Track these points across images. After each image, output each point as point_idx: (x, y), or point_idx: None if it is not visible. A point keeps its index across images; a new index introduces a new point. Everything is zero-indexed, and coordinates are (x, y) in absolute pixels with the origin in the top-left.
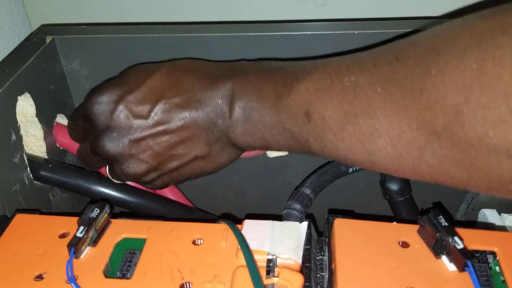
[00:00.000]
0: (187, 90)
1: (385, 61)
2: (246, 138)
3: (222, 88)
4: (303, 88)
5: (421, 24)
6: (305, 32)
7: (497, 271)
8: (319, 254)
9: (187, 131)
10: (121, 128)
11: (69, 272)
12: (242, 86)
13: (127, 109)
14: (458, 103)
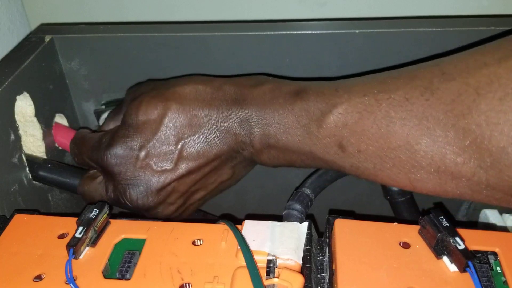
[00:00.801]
0: (203, 125)
1: (418, 94)
2: (272, 162)
3: (238, 121)
4: (331, 123)
5: (421, 24)
6: (305, 31)
7: (498, 271)
8: (319, 255)
9: (210, 165)
10: (146, 181)
11: (68, 273)
12: (258, 118)
13: (151, 161)
14: (504, 145)
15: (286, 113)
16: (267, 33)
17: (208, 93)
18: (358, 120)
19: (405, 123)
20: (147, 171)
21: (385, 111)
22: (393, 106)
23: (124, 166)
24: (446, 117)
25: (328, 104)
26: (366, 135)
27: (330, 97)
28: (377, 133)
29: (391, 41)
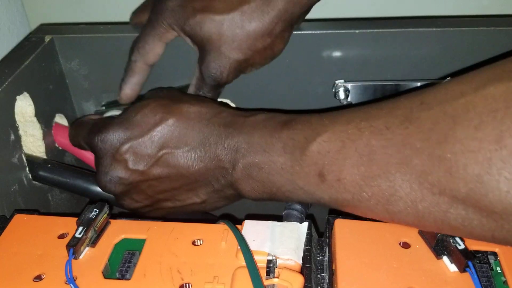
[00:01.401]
0: (190, 143)
1: (397, 123)
2: (252, 194)
3: (226, 146)
4: (315, 150)
5: (421, 24)
6: (305, 31)
7: (498, 271)
8: (319, 255)
9: (183, 180)
10: (116, 173)
11: (68, 273)
12: (247, 145)
13: (129, 153)
14: (479, 173)
15: (273, 140)
16: None
17: (208, 117)
18: (340, 148)
19: (386, 151)
20: (120, 165)
21: (366, 140)
22: (374, 134)
23: (105, 152)
24: (423, 146)
25: (313, 132)
26: (348, 164)
27: (316, 125)
28: (358, 161)
29: (391, 41)
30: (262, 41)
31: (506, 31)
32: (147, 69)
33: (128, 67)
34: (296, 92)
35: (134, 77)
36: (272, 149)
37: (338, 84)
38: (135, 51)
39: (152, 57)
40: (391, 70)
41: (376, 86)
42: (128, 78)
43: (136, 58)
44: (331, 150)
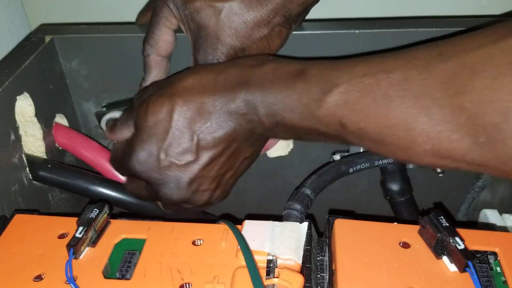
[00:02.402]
0: (212, 111)
1: (415, 74)
2: (284, 136)
3: (243, 99)
4: (332, 102)
5: (421, 24)
6: (305, 31)
7: (498, 271)
8: (319, 255)
9: (230, 147)
10: (174, 177)
11: (68, 273)
12: (262, 96)
13: (171, 160)
14: (498, 122)
15: (288, 92)
16: None
17: (211, 79)
18: (358, 99)
19: (403, 101)
20: (172, 169)
21: (384, 90)
22: (392, 85)
23: (149, 171)
24: (443, 96)
25: (329, 83)
26: (366, 113)
27: (331, 77)
28: (376, 111)
29: (391, 41)
30: (259, 31)
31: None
32: (163, 62)
33: (144, 65)
34: None
35: (151, 73)
36: (289, 100)
37: None
38: (145, 44)
39: (163, 46)
40: None
41: None
42: (146, 76)
43: (148, 52)
44: (348, 101)
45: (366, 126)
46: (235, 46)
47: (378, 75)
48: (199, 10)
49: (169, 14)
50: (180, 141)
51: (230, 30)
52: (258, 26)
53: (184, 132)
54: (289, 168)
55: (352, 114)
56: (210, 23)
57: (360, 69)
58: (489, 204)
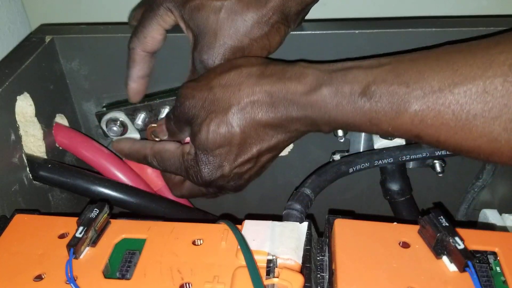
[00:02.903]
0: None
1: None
2: None
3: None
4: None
5: (421, 24)
6: (305, 31)
7: (498, 271)
8: (319, 255)
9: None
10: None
11: (68, 273)
12: (325, 119)
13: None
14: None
15: (357, 115)
16: None
17: (269, 110)
18: (436, 115)
19: (485, 115)
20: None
21: (464, 104)
22: (472, 99)
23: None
24: None
25: (401, 102)
26: (445, 129)
27: (401, 95)
28: (456, 125)
29: (391, 41)
30: (258, 29)
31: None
32: (148, 58)
33: (128, 58)
34: None
35: (135, 67)
36: (358, 121)
37: None
38: (133, 37)
39: (151, 42)
40: None
41: None
42: (130, 70)
43: (134, 45)
44: (425, 118)
45: (446, 140)
46: (233, 46)
47: (455, 88)
48: (199, 8)
49: (165, 13)
50: (242, 159)
51: (230, 29)
52: (257, 24)
53: (245, 152)
54: (289, 168)
55: (430, 129)
56: (209, 21)
57: (433, 83)
58: (488, 204)
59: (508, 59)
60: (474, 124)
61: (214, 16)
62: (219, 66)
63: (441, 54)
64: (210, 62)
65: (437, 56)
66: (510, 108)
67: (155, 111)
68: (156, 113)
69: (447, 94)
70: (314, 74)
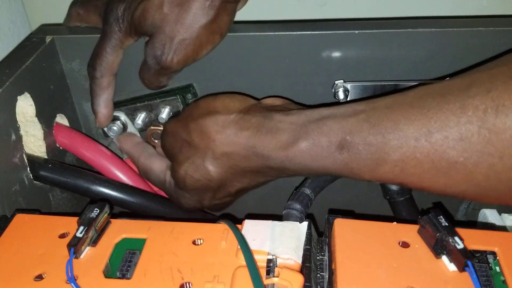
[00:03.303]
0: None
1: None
2: None
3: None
4: (388, 172)
5: (421, 24)
6: (305, 31)
7: (497, 271)
8: (319, 254)
9: None
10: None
11: (69, 272)
12: (303, 171)
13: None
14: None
15: (337, 167)
16: (267, 33)
17: (245, 162)
18: (415, 164)
19: (465, 162)
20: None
21: (442, 153)
22: (450, 147)
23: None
24: (505, 153)
25: (380, 153)
26: (427, 176)
27: (379, 147)
28: (437, 173)
29: (391, 41)
30: (204, 15)
31: (506, 31)
32: (114, 79)
33: (95, 86)
34: (296, 92)
35: (105, 93)
36: (336, 172)
37: (337, 84)
38: (97, 67)
39: (117, 66)
40: (390, 70)
41: (375, 86)
42: (99, 98)
43: (102, 74)
44: (405, 168)
45: (430, 186)
46: (183, 38)
47: (432, 137)
48: (144, 13)
49: (120, 38)
50: (220, 196)
51: (176, 23)
52: (201, 10)
53: (223, 192)
54: None
55: (412, 177)
56: (156, 20)
57: (408, 132)
58: (488, 204)
59: (482, 103)
60: (455, 171)
61: (158, 13)
62: (195, 107)
63: (416, 99)
64: (163, 58)
65: (411, 101)
66: (488, 155)
67: (155, 111)
68: (156, 113)
69: (424, 143)
70: (290, 128)
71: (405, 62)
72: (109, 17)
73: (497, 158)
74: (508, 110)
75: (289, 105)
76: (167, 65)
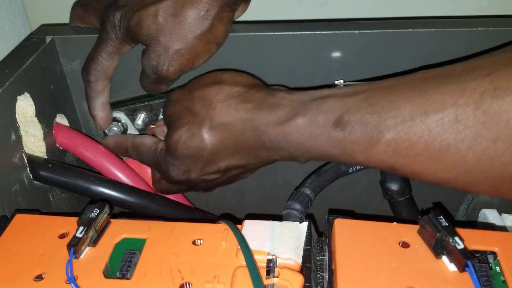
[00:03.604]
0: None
1: (469, 114)
2: None
3: (279, 156)
4: (381, 151)
5: (421, 24)
6: (305, 31)
7: (497, 271)
8: (319, 254)
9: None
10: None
11: (68, 272)
12: (299, 151)
13: (202, 177)
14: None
15: (331, 145)
16: (267, 33)
17: (240, 136)
18: (409, 146)
19: (458, 145)
20: (201, 183)
21: (436, 134)
22: (445, 129)
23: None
24: (501, 136)
25: (374, 132)
26: (420, 160)
27: (374, 124)
28: (431, 156)
29: (391, 41)
30: (199, 26)
31: (505, 31)
32: (109, 83)
33: (91, 90)
34: None
35: (101, 97)
36: (332, 152)
37: (338, 84)
38: (92, 71)
39: (112, 71)
40: (391, 70)
41: None
42: (95, 101)
43: (96, 78)
44: (398, 149)
45: (421, 171)
46: (178, 48)
47: (428, 117)
48: (139, 23)
49: (116, 45)
50: (208, 170)
51: (171, 33)
52: (196, 21)
53: (212, 166)
54: (289, 168)
55: (403, 160)
56: (151, 30)
57: (404, 112)
58: (488, 204)
59: (480, 86)
60: (448, 154)
61: (153, 23)
62: (203, 77)
63: (415, 81)
64: (159, 68)
65: (411, 83)
66: (483, 139)
67: (155, 111)
68: (156, 113)
69: (419, 124)
70: (291, 105)
71: (405, 62)
72: (106, 23)
73: (491, 142)
74: (504, 93)
75: None
76: (163, 75)
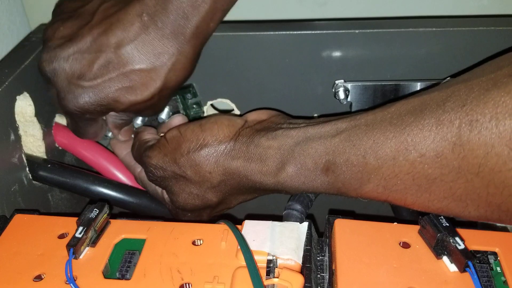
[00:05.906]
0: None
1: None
2: None
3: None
4: (371, 190)
5: (421, 24)
6: (305, 31)
7: (498, 271)
8: (319, 255)
9: None
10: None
11: (68, 273)
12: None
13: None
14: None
15: (325, 188)
16: (267, 33)
17: (241, 186)
18: (397, 183)
19: (444, 178)
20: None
21: (421, 170)
22: (428, 165)
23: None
24: (481, 171)
25: (362, 174)
26: (410, 193)
27: (361, 167)
28: (419, 190)
29: (391, 41)
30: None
31: (506, 31)
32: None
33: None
34: (296, 92)
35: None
36: (328, 192)
37: (338, 84)
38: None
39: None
40: (391, 70)
41: (376, 86)
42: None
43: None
44: (387, 186)
45: (413, 202)
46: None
47: (409, 155)
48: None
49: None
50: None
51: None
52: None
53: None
54: None
55: (395, 194)
56: None
57: (387, 151)
58: None
59: (457, 118)
60: (436, 187)
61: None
62: (183, 141)
63: (395, 116)
64: None
65: (391, 118)
66: (465, 172)
67: None
68: None
69: (402, 162)
70: (278, 153)
71: (405, 61)
72: None
73: (474, 175)
74: (481, 126)
75: (275, 118)
76: None
